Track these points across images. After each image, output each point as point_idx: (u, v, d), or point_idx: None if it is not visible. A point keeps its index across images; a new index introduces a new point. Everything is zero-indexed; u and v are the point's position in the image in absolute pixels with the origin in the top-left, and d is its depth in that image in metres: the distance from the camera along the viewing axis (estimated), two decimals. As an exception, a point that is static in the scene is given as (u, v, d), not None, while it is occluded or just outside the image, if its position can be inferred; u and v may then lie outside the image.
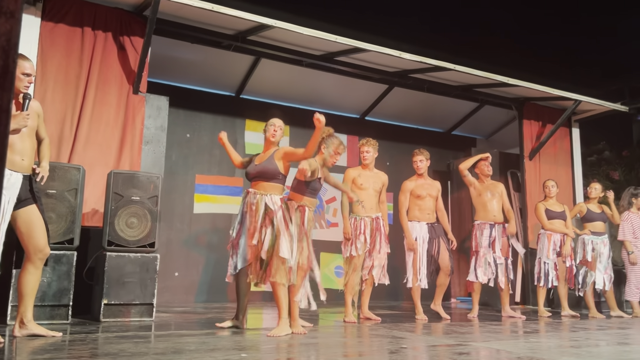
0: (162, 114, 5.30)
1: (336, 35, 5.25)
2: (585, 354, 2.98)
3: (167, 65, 6.27)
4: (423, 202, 5.21)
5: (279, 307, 3.59)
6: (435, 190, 5.28)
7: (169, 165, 6.20)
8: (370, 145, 5.07)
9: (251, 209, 3.69)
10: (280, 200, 3.72)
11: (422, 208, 5.21)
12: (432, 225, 5.23)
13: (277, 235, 3.55)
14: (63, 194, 4.01)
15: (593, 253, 5.92)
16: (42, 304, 3.77)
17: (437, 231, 5.22)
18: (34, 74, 3.30)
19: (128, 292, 4.11)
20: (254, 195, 3.73)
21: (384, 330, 3.99)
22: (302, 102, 7.46)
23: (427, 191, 5.22)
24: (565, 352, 3.05)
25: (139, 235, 4.25)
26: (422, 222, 5.19)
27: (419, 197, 5.21)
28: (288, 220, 3.67)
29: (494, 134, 8.74)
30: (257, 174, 3.79)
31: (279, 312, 3.59)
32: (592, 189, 6.20)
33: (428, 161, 5.28)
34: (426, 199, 5.21)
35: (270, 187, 3.75)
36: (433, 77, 6.55)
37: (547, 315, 5.66)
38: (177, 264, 6.35)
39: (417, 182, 5.26)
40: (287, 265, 3.55)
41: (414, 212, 5.22)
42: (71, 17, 4.80)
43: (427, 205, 5.22)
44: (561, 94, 6.59)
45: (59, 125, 4.64)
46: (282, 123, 4.01)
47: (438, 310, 5.21)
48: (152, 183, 4.37)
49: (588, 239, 5.96)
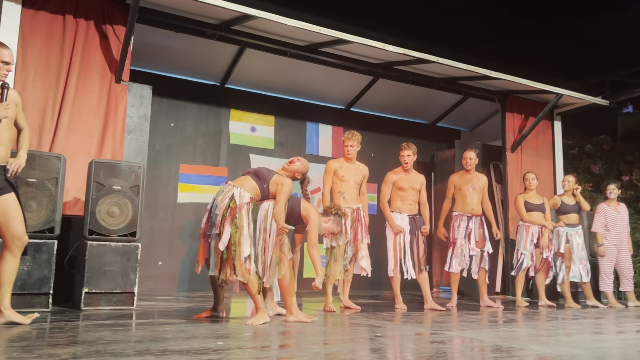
0: (145, 102, 5.29)
1: (320, 26, 5.26)
2: (554, 343, 3.07)
3: (150, 54, 6.24)
4: (405, 194, 5.26)
5: (253, 299, 3.61)
6: (418, 183, 5.34)
7: (152, 155, 6.20)
8: (354, 140, 5.11)
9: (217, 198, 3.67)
10: (250, 199, 3.62)
11: (404, 199, 5.26)
12: (413, 217, 5.28)
13: (238, 232, 3.48)
14: (44, 182, 4.01)
15: (567, 245, 6.04)
16: (22, 292, 3.78)
17: (417, 223, 5.28)
18: (13, 62, 3.28)
19: (109, 281, 4.13)
20: (225, 186, 3.72)
21: (362, 319, 4.06)
22: (287, 93, 7.47)
23: (410, 184, 5.28)
24: (535, 341, 3.14)
25: (120, 225, 4.26)
26: (403, 214, 5.25)
27: (401, 189, 5.26)
28: (250, 219, 3.57)
29: (477, 126, 8.83)
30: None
31: (254, 303, 3.63)
32: (566, 181, 6.30)
33: (415, 155, 5.33)
34: (408, 191, 5.26)
35: (243, 181, 3.72)
36: (417, 69, 6.59)
37: (525, 305, 5.77)
38: (160, 253, 6.37)
39: (400, 175, 5.31)
40: (247, 266, 3.48)
41: (395, 202, 5.28)
42: (52, 4, 4.77)
43: (409, 197, 5.27)
44: (543, 87, 6.66)
45: (40, 114, 4.62)
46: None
47: (433, 307, 5.10)
48: (133, 172, 4.37)
49: (563, 231, 6.08)
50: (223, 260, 3.51)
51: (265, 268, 3.70)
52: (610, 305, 6.09)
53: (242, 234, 3.49)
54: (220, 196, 3.62)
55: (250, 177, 3.75)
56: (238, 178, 3.82)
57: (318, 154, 7.65)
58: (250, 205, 3.60)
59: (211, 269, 3.63)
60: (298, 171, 4.05)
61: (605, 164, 8.75)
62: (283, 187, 3.74)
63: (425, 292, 5.25)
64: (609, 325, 4.24)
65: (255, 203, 3.67)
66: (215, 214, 3.57)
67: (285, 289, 3.79)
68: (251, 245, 3.52)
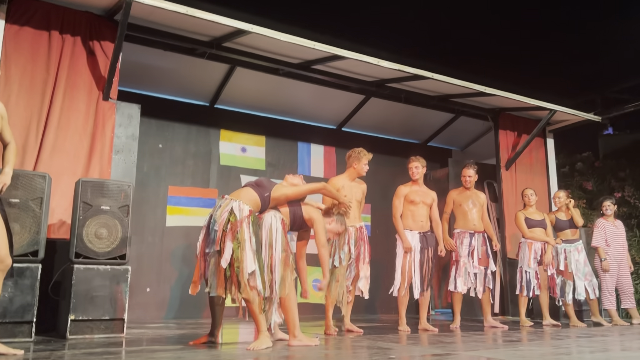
0: (134, 122, 5.11)
1: (314, 42, 5.16)
2: None
3: (139, 74, 6.08)
4: (416, 209, 5.13)
5: (256, 322, 3.40)
6: (429, 198, 5.23)
7: (140, 177, 5.98)
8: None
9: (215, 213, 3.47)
10: (249, 211, 3.44)
11: (415, 215, 5.13)
12: (425, 234, 5.15)
13: (240, 247, 3.31)
14: (27, 203, 3.78)
15: (566, 261, 5.91)
16: (3, 320, 3.51)
17: (428, 241, 5.15)
18: None
19: (97, 307, 3.87)
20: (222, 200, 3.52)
21: (368, 341, 3.85)
22: (278, 113, 7.34)
23: (422, 198, 5.16)
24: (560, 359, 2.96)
25: (109, 247, 4.03)
26: (414, 231, 5.10)
27: (412, 203, 5.13)
28: (251, 232, 3.39)
29: (469, 145, 8.77)
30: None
31: (256, 325, 3.42)
32: (556, 197, 6.22)
33: (424, 168, 5.24)
34: (419, 206, 5.14)
35: (241, 193, 3.56)
36: (410, 87, 6.52)
37: (529, 325, 5.60)
38: (148, 279, 6.09)
39: (412, 188, 5.20)
40: (252, 283, 3.32)
41: (407, 220, 5.13)
42: (38, 20, 4.60)
43: (420, 213, 5.14)
44: (538, 103, 6.63)
45: (24, 132, 4.40)
46: None
47: (426, 328, 4.98)
48: (122, 192, 4.16)
49: (561, 248, 5.97)
50: (227, 278, 3.30)
51: (273, 285, 3.48)
52: (615, 323, 5.95)
53: (244, 248, 3.29)
54: (218, 211, 3.42)
55: (250, 188, 3.57)
56: (235, 191, 3.63)
57: (310, 174, 7.48)
58: (250, 218, 3.40)
59: (212, 289, 3.40)
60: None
61: (597, 181, 8.73)
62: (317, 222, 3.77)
63: (422, 313, 5.11)
64: (627, 342, 4.09)
65: (255, 216, 3.47)
66: (214, 230, 3.36)
67: (288, 310, 3.57)
68: (254, 260, 3.32)
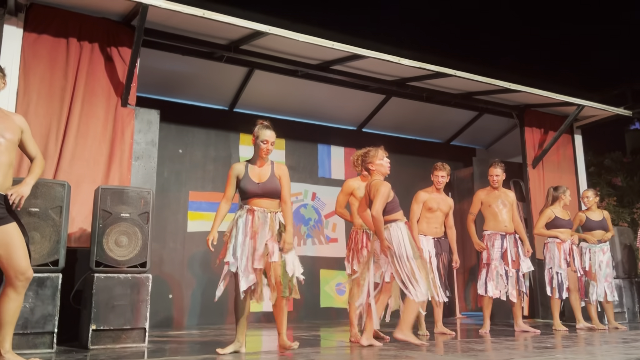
0: (153, 128, 5.06)
1: (333, 41, 5.06)
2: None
3: (157, 80, 6.06)
4: (433, 216, 5.10)
5: (284, 323, 3.68)
6: (447, 206, 5.19)
7: (160, 182, 5.94)
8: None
9: (263, 228, 3.55)
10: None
11: (430, 221, 5.10)
12: (439, 240, 5.12)
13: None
14: (47, 211, 3.74)
15: (590, 262, 5.72)
16: (24, 331, 3.47)
17: (442, 246, 5.13)
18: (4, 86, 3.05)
19: (118, 316, 3.81)
20: (265, 214, 3.60)
21: (394, 350, 3.71)
22: (298, 115, 7.26)
23: (439, 205, 5.13)
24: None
25: (130, 255, 3.97)
26: (428, 237, 5.09)
27: (430, 210, 5.10)
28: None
29: (493, 144, 8.58)
30: (263, 192, 3.64)
31: (282, 328, 3.67)
32: (585, 197, 6.01)
33: (448, 177, 5.18)
34: (437, 213, 5.12)
35: (275, 204, 3.69)
36: (432, 85, 6.37)
37: (564, 330, 5.38)
38: (170, 285, 6.05)
39: (432, 195, 5.15)
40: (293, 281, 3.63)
41: (421, 225, 5.10)
42: (55, 27, 4.58)
43: (436, 219, 5.12)
44: (564, 99, 6.42)
45: (43, 140, 4.38)
46: (274, 136, 3.77)
47: (443, 332, 4.96)
48: (142, 198, 4.10)
49: (585, 248, 5.77)
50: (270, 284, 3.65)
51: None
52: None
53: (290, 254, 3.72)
54: (259, 226, 3.65)
55: (268, 199, 3.74)
56: (258, 203, 3.72)
57: (330, 176, 7.39)
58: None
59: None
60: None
61: (627, 177, 8.45)
62: (281, 166, 3.83)
63: (437, 316, 5.08)
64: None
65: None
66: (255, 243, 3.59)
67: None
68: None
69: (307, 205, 7.19)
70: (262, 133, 3.71)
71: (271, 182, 3.65)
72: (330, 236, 7.21)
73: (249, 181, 3.64)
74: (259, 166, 3.72)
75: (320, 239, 7.16)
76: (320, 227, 7.19)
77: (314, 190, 7.27)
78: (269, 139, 3.70)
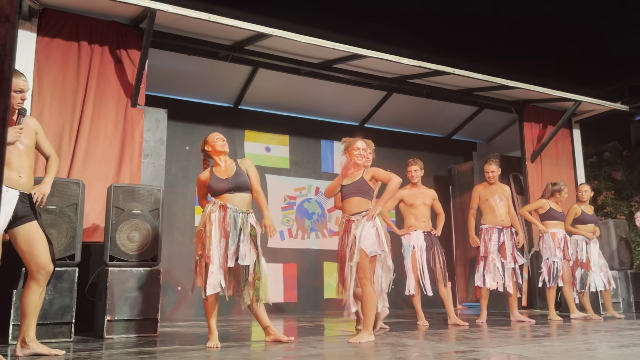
0: (161, 126, 5.26)
1: (334, 42, 5.22)
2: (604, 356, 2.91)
3: (164, 79, 6.24)
4: (417, 211, 5.22)
5: (265, 316, 3.77)
6: (429, 198, 5.29)
7: (168, 179, 6.15)
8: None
9: (235, 228, 3.55)
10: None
11: (417, 216, 5.21)
12: (429, 233, 5.22)
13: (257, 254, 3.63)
14: (63, 209, 3.95)
15: (587, 254, 5.88)
16: (44, 322, 3.69)
17: (433, 240, 5.21)
18: (27, 90, 3.24)
19: (131, 308, 4.03)
20: (237, 214, 3.58)
21: (393, 338, 3.92)
22: (301, 111, 7.43)
23: (421, 199, 5.23)
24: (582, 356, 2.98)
25: (141, 249, 4.18)
26: (418, 231, 5.18)
27: (412, 206, 5.22)
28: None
29: (493, 138, 8.72)
30: (234, 186, 3.64)
31: (266, 321, 3.77)
32: (582, 191, 6.15)
33: (422, 170, 5.30)
34: (420, 207, 5.22)
35: (246, 202, 3.67)
36: (432, 82, 6.52)
37: (560, 319, 5.56)
38: (179, 277, 6.27)
39: (410, 191, 5.26)
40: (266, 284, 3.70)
41: (409, 219, 5.23)
42: (67, 31, 4.77)
43: (422, 213, 5.23)
44: (562, 94, 6.56)
45: (57, 141, 4.59)
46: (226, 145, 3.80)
47: (457, 323, 4.99)
48: (152, 196, 4.31)
49: (581, 240, 5.93)
50: (244, 285, 3.62)
51: None
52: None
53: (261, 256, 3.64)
54: (230, 224, 3.62)
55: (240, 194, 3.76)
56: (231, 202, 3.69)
57: (333, 171, 7.57)
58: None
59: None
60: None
61: (627, 171, 8.57)
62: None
63: (448, 308, 5.14)
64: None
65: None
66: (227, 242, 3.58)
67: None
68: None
69: (310, 199, 7.38)
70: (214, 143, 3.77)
71: (239, 176, 3.65)
72: (333, 229, 7.40)
73: (216, 179, 3.64)
74: (222, 166, 3.73)
75: (323, 232, 7.36)
76: (324, 221, 7.39)
77: (317, 185, 7.46)
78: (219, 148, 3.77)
